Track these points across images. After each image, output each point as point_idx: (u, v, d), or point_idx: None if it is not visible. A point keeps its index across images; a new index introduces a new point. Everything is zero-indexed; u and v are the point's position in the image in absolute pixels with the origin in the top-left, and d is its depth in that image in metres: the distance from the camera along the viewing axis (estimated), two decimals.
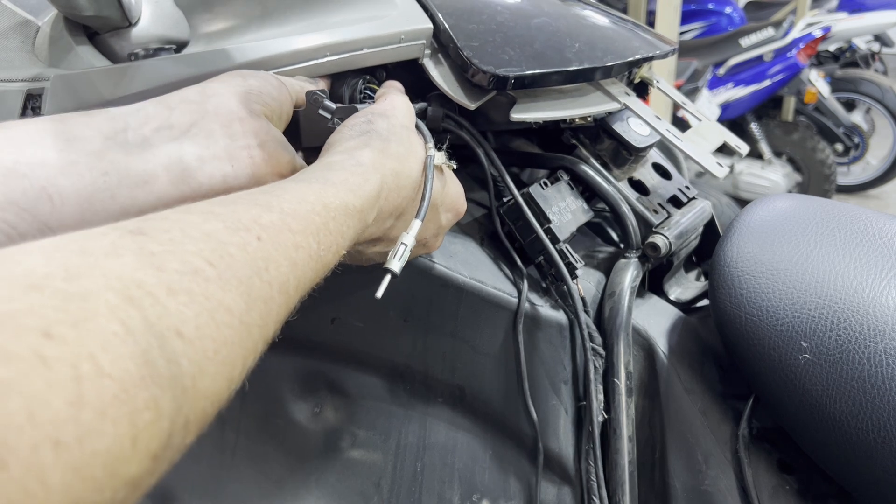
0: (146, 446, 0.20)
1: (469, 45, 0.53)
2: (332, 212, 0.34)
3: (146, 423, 0.20)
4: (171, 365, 0.22)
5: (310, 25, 0.52)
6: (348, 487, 0.63)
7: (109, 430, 0.19)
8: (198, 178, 0.40)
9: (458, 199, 0.51)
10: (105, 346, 0.20)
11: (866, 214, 0.57)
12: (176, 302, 0.23)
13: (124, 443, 0.19)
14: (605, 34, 0.62)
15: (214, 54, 0.48)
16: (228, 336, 0.25)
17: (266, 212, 0.31)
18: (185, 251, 0.25)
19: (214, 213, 0.29)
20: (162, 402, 0.21)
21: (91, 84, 0.47)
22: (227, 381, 0.25)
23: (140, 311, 0.22)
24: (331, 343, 0.61)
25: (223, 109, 0.42)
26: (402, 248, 0.39)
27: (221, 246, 0.27)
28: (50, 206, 0.35)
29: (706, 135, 0.66)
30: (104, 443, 0.19)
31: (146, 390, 0.20)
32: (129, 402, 0.20)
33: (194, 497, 0.62)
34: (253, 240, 0.28)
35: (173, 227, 0.26)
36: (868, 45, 3.55)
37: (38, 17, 0.54)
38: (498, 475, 0.64)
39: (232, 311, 0.25)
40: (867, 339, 0.47)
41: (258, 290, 0.27)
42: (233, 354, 0.25)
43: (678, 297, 0.69)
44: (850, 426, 0.47)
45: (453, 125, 0.58)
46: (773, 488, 0.56)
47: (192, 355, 0.23)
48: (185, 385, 0.22)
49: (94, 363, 0.19)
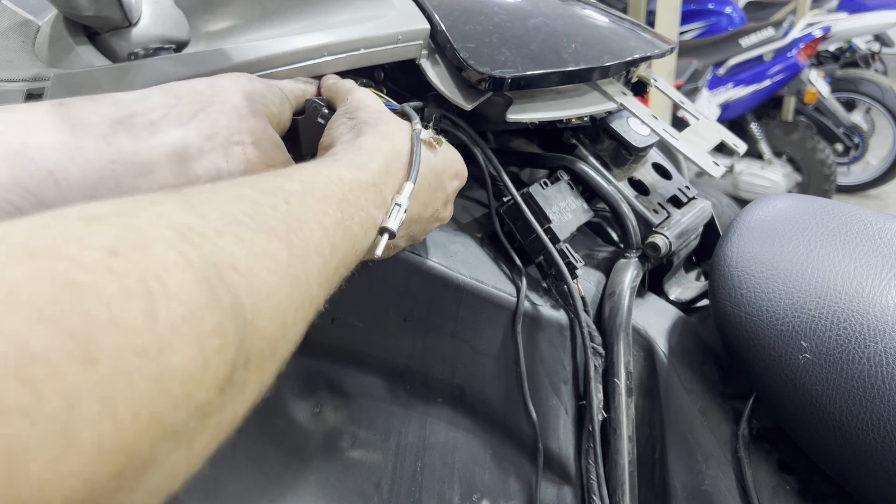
0: (213, 373, 0.21)
1: (465, 46, 0.53)
2: (348, 184, 0.35)
3: (213, 348, 0.20)
4: (231, 296, 0.22)
5: (308, 26, 0.52)
6: (348, 487, 0.63)
7: (182, 347, 0.19)
8: (195, 170, 0.40)
9: (456, 164, 0.51)
10: (168, 270, 0.20)
11: (866, 214, 0.57)
12: (225, 241, 0.23)
13: (196, 363, 0.20)
14: (602, 34, 0.62)
15: (214, 54, 0.48)
16: (278, 282, 0.25)
17: (287, 181, 0.31)
18: (223, 205, 0.26)
19: (240, 181, 0.29)
20: (227, 329, 0.21)
21: (91, 83, 0.47)
22: (281, 327, 0.26)
23: (194, 246, 0.22)
24: (331, 343, 0.61)
25: (228, 104, 0.42)
26: (397, 209, 0.40)
27: (255, 205, 0.27)
28: (56, 190, 0.36)
29: (704, 134, 0.66)
30: (179, 359, 0.19)
31: (212, 315, 0.21)
32: (197, 324, 0.20)
33: (194, 497, 0.62)
34: (282, 203, 0.29)
35: (205, 190, 0.27)
36: (868, 45, 3.55)
37: (38, 17, 0.54)
38: (498, 475, 0.64)
39: (277, 259, 0.26)
40: (867, 339, 0.47)
41: (297, 246, 0.28)
42: (284, 301, 0.26)
43: (678, 297, 0.69)
44: (850, 426, 0.47)
45: (450, 125, 0.58)
46: (773, 488, 0.56)
47: (248, 290, 0.23)
48: (245, 317, 0.23)
49: (161, 283, 0.19)
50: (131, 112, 0.40)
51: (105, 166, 0.37)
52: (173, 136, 0.40)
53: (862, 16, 3.08)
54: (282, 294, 0.26)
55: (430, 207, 0.48)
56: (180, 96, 0.41)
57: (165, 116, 0.40)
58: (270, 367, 0.26)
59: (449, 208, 0.52)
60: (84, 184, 0.37)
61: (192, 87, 0.42)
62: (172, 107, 0.41)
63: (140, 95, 0.41)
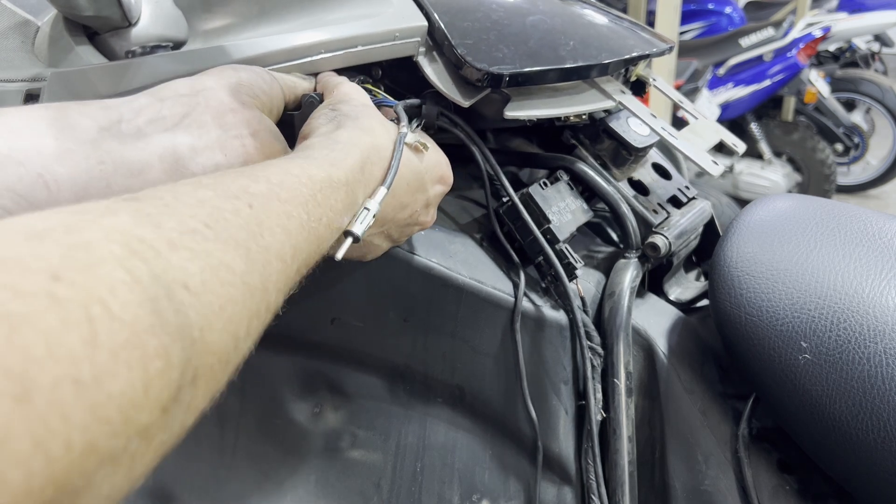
0: (157, 395, 0.20)
1: (463, 43, 0.53)
2: (318, 184, 0.34)
3: (157, 370, 0.20)
4: (179, 315, 0.22)
5: (306, 23, 0.52)
6: (348, 487, 0.63)
7: (123, 373, 0.19)
8: (191, 168, 0.40)
9: (438, 168, 0.50)
10: (114, 292, 0.19)
11: (866, 214, 0.57)
12: (178, 256, 0.23)
13: (137, 388, 0.19)
14: (600, 32, 0.62)
15: (211, 51, 0.48)
16: (232, 294, 0.25)
17: (253, 182, 0.31)
18: (180, 213, 0.25)
19: (203, 183, 0.29)
20: (171, 351, 0.21)
21: (88, 81, 0.47)
22: (233, 339, 0.25)
23: (144, 262, 0.21)
24: (331, 343, 0.61)
25: (214, 102, 0.42)
26: (365, 213, 0.39)
27: (216, 210, 0.27)
28: (46, 192, 0.35)
29: (702, 133, 0.66)
30: (119, 385, 0.19)
31: (156, 337, 0.20)
32: (140, 348, 0.20)
33: (194, 496, 0.62)
34: (244, 207, 0.28)
35: (166, 195, 0.26)
36: (868, 45, 3.55)
37: (37, 17, 0.54)
38: (498, 475, 0.64)
39: (233, 270, 0.25)
40: (867, 340, 0.47)
41: (256, 253, 0.27)
42: (237, 314, 0.25)
43: (678, 298, 0.69)
44: (850, 426, 0.47)
45: (448, 123, 0.58)
46: (773, 488, 0.56)
47: (198, 308, 0.23)
48: (193, 336, 0.22)
49: (105, 307, 0.19)
50: (119, 117, 0.39)
51: (94, 167, 0.37)
52: (161, 140, 0.40)
53: (862, 16, 3.08)
54: (235, 306, 0.25)
55: (408, 209, 0.47)
56: (165, 100, 0.41)
57: (152, 121, 0.40)
58: (220, 378, 0.25)
59: (431, 213, 0.51)
60: (74, 185, 0.36)
61: (175, 90, 0.42)
62: (158, 111, 0.40)
63: (127, 100, 0.41)
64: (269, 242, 0.29)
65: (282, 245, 0.30)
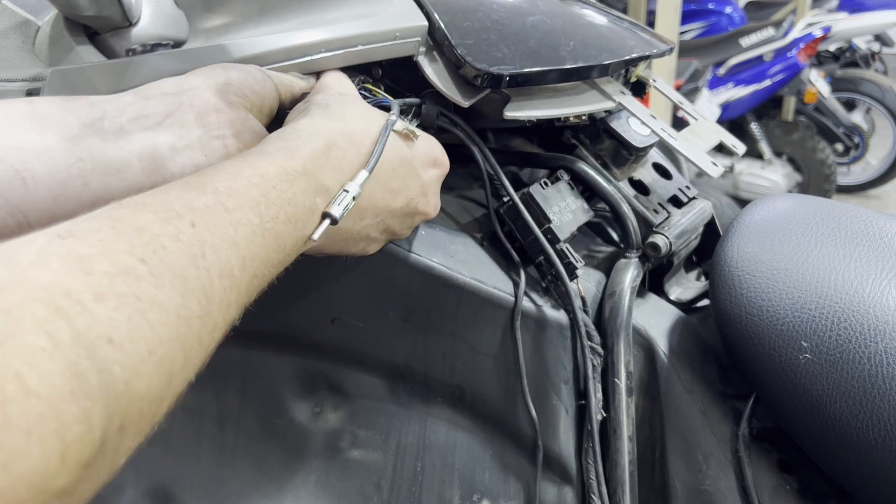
0: (76, 459, 0.20)
1: (463, 43, 0.53)
2: (271, 181, 0.34)
3: (76, 436, 0.20)
4: (103, 373, 0.21)
5: (306, 22, 0.52)
6: (348, 487, 0.63)
7: (35, 449, 0.19)
8: (170, 168, 0.40)
9: (431, 151, 0.49)
10: (31, 363, 0.19)
11: (866, 214, 0.57)
12: (105, 307, 0.23)
13: (51, 459, 0.19)
14: (600, 32, 0.62)
15: (210, 50, 0.48)
16: (164, 333, 0.25)
17: (200, 195, 0.30)
18: (115, 250, 0.25)
19: (146, 204, 0.28)
20: (92, 413, 0.21)
21: (87, 79, 0.47)
22: (167, 377, 0.25)
23: (68, 321, 0.21)
24: (331, 343, 0.61)
25: (199, 101, 0.42)
26: (344, 195, 0.38)
27: (154, 239, 0.26)
28: (23, 189, 0.35)
29: (702, 134, 0.66)
30: (30, 462, 0.18)
31: (75, 404, 0.20)
32: (57, 419, 0.19)
33: (194, 497, 0.62)
34: (187, 227, 0.28)
35: (103, 227, 0.26)
36: (868, 44, 3.55)
37: (38, 17, 0.54)
38: (498, 475, 0.64)
39: (166, 307, 0.25)
40: (867, 339, 0.47)
41: (195, 279, 0.27)
42: (171, 351, 0.25)
43: (678, 297, 0.69)
44: (851, 426, 0.47)
45: (448, 123, 0.58)
46: (774, 488, 0.56)
47: (124, 361, 0.23)
48: (118, 392, 0.22)
49: (20, 382, 0.19)
50: (101, 114, 0.39)
51: (72, 164, 0.37)
52: (142, 139, 0.39)
53: (862, 16, 3.08)
54: (169, 344, 0.25)
55: (401, 196, 0.46)
56: (149, 98, 0.41)
57: (134, 119, 0.40)
58: (155, 415, 0.25)
59: (432, 201, 0.50)
60: (51, 182, 0.36)
61: (161, 89, 0.42)
62: (142, 109, 0.40)
63: (113, 97, 0.41)
64: (212, 262, 0.28)
65: (227, 261, 0.29)
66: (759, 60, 2.99)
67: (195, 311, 0.27)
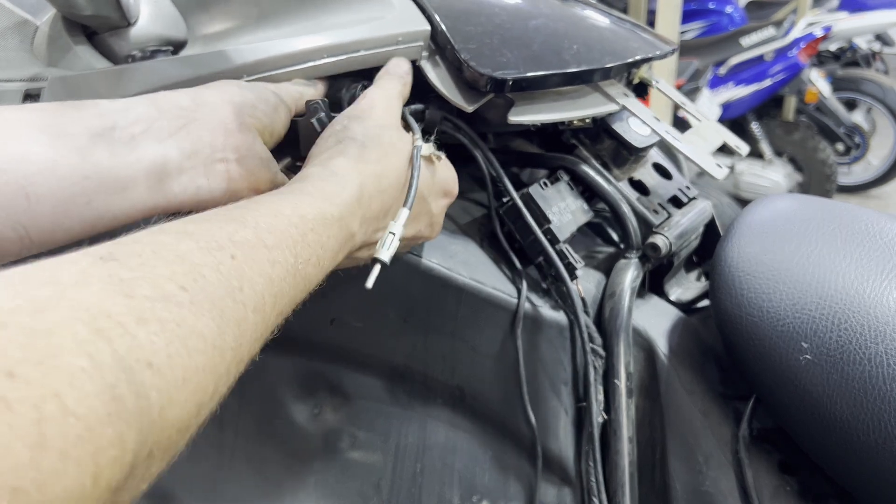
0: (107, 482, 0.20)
1: (466, 48, 0.52)
2: (310, 223, 0.34)
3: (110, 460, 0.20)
4: (140, 399, 0.21)
5: (307, 27, 0.52)
6: (348, 489, 0.63)
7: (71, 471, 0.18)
8: (173, 189, 0.39)
9: (448, 183, 0.50)
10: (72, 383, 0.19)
11: (867, 215, 0.56)
12: (146, 331, 0.22)
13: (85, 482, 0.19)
14: (603, 35, 0.62)
15: (212, 56, 0.48)
16: (200, 362, 0.24)
17: (241, 228, 0.30)
18: (156, 276, 0.25)
19: (188, 232, 0.28)
20: (127, 438, 0.20)
21: (89, 86, 0.47)
22: (197, 407, 0.25)
23: (109, 343, 0.21)
24: (330, 343, 0.61)
25: (213, 118, 0.41)
26: (391, 238, 0.39)
27: (195, 268, 0.26)
28: (26, 204, 0.35)
29: (705, 135, 0.66)
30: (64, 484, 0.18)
31: (111, 427, 0.20)
32: (93, 441, 0.19)
33: (193, 498, 0.62)
34: (227, 259, 0.28)
35: (145, 251, 0.26)
36: (869, 44, 3.54)
37: (36, 17, 0.54)
38: (498, 476, 0.64)
39: (204, 336, 0.25)
40: (868, 340, 0.47)
41: (232, 311, 0.27)
42: (204, 381, 0.25)
43: (679, 298, 0.69)
44: (851, 427, 0.47)
45: (451, 127, 0.57)
46: (774, 489, 0.56)
47: (161, 386, 0.22)
48: (152, 418, 0.22)
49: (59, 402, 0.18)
50: (113, 124, 0.39)
51: (78, 182, 0.36)
52: (152, 152, 0.39)
53: (863, 15, 3.07)
54: (203, 374, 0.25)
55: (410, 230, 0.47)
56: (163, 110, 0.40)
57: (146, 131, 0.39)
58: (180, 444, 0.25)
59: (436, 229, 0.51)
60: (55, 199, 0.36)
61: (176, 101, 0.41)
62: (154, 121, 0.40)
63: (124, 106, 0.40)
64: (248, 296, 0.28)
65: (261, 296, 0.29)
66: (760, 60, 2.99)
67: (229, 343, 0.27)
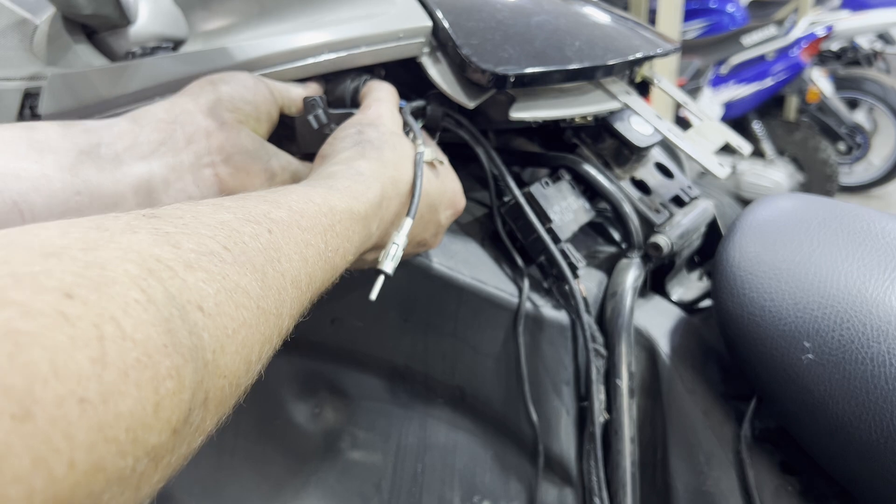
0: (168, 416, 0.20)
1: (468, 44, 0.52)
2: (338, 215, 0.35)
3: (168, 391, 0.20)
4: (193, 336, 0.22)
5: (308, 23, 0.52)
6: (348, 488, 0.63)
7: (133, 392, 0.19)
8: (163, 202, 0.40)
9: (456, 196, 0.51)
10: (127, 311, 0.19)
11: (869, 214, 0.56)
12: (195, 277, 0.23)
13: (147, 408, 0.19)
14: (605, 32, 0.62)
15: (212, 53, 0.48)
16: (246, 318, 0.25)
17: (275, 208, 0.31)
18: (199, 234, 0.25)
19: (224, 206, 0.29)
20: (184, 372, 0.21)
21: (88, 83, 0.47)
22: (246, 363, 0.25)
23: (160, 282, 0.21)
24: (331, 343, 0.61)
25: (190, 127, 0.42)
26: (395, 248, 0.39)
27: (235, 234, 0.27)
28: (20, 220, 0.35)
29: (708, 134, 0.66)
30: (127, 405, 0.18)
31: (168, 358, 0.20)
32: (152, 368, 0.19)
33: (193, 498, 0.62)
34: (264, 232, 0.29)
35: (185, 214, 0.26)
36: (871, 43, 3.54)
37: (36, 16, 0.54)
38: (499, 476, 0.64)
39: (249, 293, 0.25)
40: (870, 340, 0.47)
41: (272, 278, 0.27)
42: (251, 337, 0.25)
43: (680, 298, 0.69)
44: (853, 427, 0.46)
45: (453, 124, 0.57)
46: (776, 489, 0.56)
47: (212, 330, 0.23)
48: (206, 358, 0.22)
49: (117, 325, 0.19)
50: (98, 140, 0.39)
51: (71, 198, 0.37)
52: (137, 169, 0.39)
53: (865, 14, 3.07)
54: (249, 330, 0.25)
55: (418, 237, 0.48)
56: (143, 125, 0.41)
57: (130, 148, 0.40)
58: (230, 401, 0.25)
59: (438, 239, 0.52)
60: (49, 215, 0.36)
61: (153, 114, 0.42)
62: (136, 136, 0.40)
63: (107, 123, 0.41)
64: (286, 268, 0.29)
65: (298, 272, 0.30)
66: (762, 59, 2.98)
67: (272, 307, 0.27)
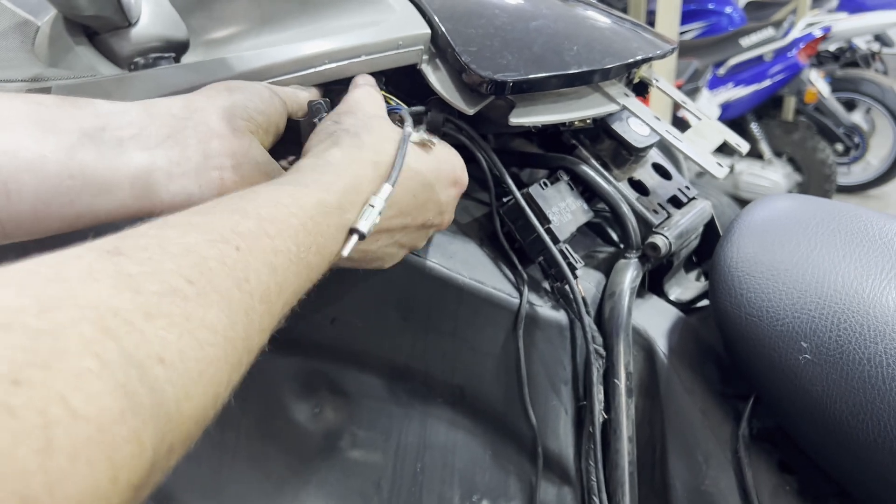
0: (127, 479, 0.20)
1: (467, 50, 0.52)
2: (309, 211, 0.34)
3: (127, 457, 0.20)
4: (154, 393, 0.21)
5: (308, 31, 0.52)
6: (348, 488, 0.63)
7: (83, 471, 0.18)
8: (160, 195, 0.39)
9: (456, 171, 0.49)
10: (78, 385, 0.19)
11: (867, 215, 0.56)
12: (154, 327, 0.22)
13: (102, 482, 0.19)
14: (603, 35, 0.62)
15: (214, 63, 0.48)
16: (212, 354, 0.25)
17: (243, 219, 0.30)
18: (163, 270, 0.25)
19: (192, 223, 0.28)
20: (144, 434, 0.20)
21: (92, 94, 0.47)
22: (213, 399, 0.25)
23: (117, 341, 0.21)
24: (331, 343, 0.61)
25: (203, 126, 0.41)
26: (369, 210, 0.38)
27: (201, 260, 0.26)
28: (6, 201, 0.35)
29: (706, 134, 0.66)
30: (78, 487, 0.18)
31: (125, 425, 0.20)
32: (107, 441, 0.19)
33: (194, 497, 0.62)
34: (232, 251, 0.28)
35: (151, 244, 0.26)
36: (868, 44, 3.55)
37: (37, 17, 0.54)
38: (498, 475, 0.64)
39: (215, 328, 0.25)
40: (867, 340, 0.47)
41: (239, 302, 0.27)
42: (218, 372, 0.25)
43: (678, 298, 0.69)
44: (851, 426, 0.47)
45: (453, 129, 0.58)
46: (774, 488, 0.56)
47: (175, 380, 0.22)
48: (169, 412, 0.22)
49: (66, 405, 0.18)
50: (104, 125, 0.38)
51: (63, 181, 0.36)
52: (138, 158, 0.39)
53: (862, 16, 3.08)
54: (216, 364, 0.25)
55: (419, 219, 0.46)
56: (155, 116, 0.40)
57: (135, 136, 0.39)
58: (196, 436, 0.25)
59: (447, 217, 0.51)
60: (36, 199, 0.35)
61: (167, 108, 0.41)
62: (145, 127, 0.39)
63: (119, 109, 0.40)
64: (254, 286, 0.28)
65: (266, 286, 0.29)
66: (760, 60, 2.99)
67: (239, 333, 0.27)
